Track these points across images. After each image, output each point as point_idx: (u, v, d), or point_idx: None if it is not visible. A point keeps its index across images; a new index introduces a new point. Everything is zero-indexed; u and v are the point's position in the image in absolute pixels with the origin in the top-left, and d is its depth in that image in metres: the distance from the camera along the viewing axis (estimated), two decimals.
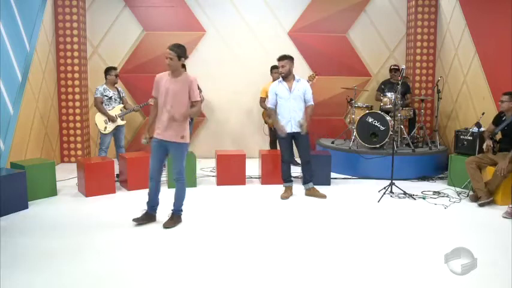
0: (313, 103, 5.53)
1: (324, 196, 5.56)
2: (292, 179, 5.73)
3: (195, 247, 3.96)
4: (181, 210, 4.53)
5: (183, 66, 4.28)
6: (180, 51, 4.20)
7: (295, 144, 5.60)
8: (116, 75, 6.30)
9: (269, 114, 5.67)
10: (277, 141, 5.70)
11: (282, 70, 5.39)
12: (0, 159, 5.50)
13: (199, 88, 6.92)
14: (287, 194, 5.60)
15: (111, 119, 6.15)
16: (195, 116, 4.69)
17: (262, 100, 6.94)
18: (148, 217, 4.50)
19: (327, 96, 8.18)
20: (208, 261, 3.65)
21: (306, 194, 5.66)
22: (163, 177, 6.15)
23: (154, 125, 4.40)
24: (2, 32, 5.59)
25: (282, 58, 5.41)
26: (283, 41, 8.05)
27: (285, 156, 5.59)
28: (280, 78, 5.47)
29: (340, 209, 5.14)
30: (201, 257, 3.73)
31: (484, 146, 5.44)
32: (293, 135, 5.48)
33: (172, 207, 4.50)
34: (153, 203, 4.50)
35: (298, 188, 5.76)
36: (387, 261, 3.68)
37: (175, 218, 4.47)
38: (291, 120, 5.40)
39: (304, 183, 5.67)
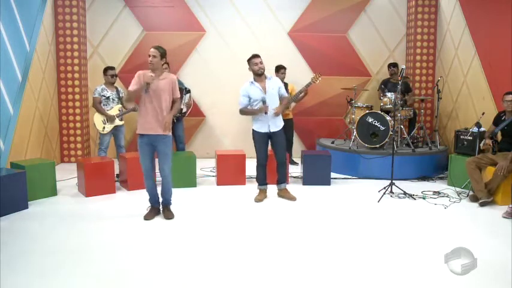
0: (288, 95, 5.59)
1: (294, 198, 5.44)
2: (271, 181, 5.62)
3: (196, 247, 3.96)
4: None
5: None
6: (163, 51, 4.54)
7: (271, 145, 5.46)
8: (112, 76, 6.22)
9: (244, 113, 5.40)
10: (254, 144, 5.45)
11: (262, 66, 5.30)
12: (0, 159, 5.50)
13: (188, 90, 6.93)
14: (260, 197, 5.46)
15: (110, 119, 6.15)
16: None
17: None
18: (156, 211, 4.80)
19: (327, 96, 8.18)
20: (208, 261, 3.65)
21: (278, 195, 5.57)
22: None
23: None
24: (2, 32, 5.59)
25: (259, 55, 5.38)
26: (283, 41, 8.05)
27: (261, 159, 5.43)
28: (252, 79, 5.34)
29: (340, 209, 5.14)
30: (202, 257, 3.73)
31: (482, 144, 5.44)
32: (269, 136, 5.35)
33: (166, 200, 4.81)
34: (157, 197, 4.82)
35: (298, 188, 5.76)
36: (387, 261, 3.68)
37: (170, 209, 4.83)
38: (268, 120, 5.24)
39: (278, 183, 5.57)
